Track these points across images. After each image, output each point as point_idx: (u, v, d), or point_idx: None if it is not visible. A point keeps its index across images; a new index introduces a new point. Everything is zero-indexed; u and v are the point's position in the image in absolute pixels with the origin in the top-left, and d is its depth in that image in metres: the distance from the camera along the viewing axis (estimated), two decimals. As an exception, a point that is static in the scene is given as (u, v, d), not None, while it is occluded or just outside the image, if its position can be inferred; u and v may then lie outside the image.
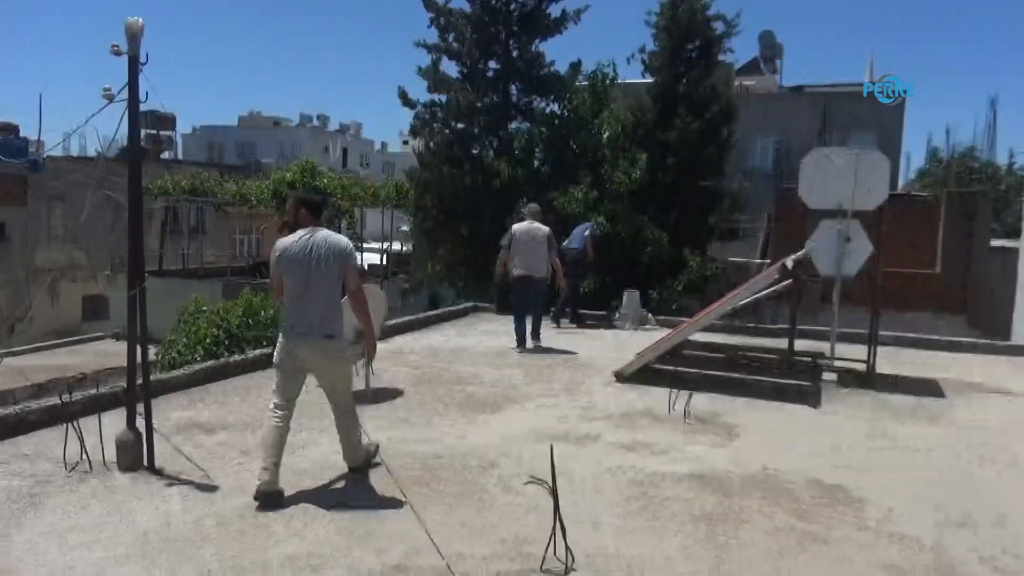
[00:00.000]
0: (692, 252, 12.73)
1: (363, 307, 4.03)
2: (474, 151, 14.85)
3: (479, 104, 14.16)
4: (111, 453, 4.12)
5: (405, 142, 74.33)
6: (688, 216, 13.23)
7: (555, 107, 14.21)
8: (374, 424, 5.17)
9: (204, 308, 10.88)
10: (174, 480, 4.01)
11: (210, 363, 6.47)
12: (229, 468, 4.26)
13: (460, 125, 14.62)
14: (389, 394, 6.15)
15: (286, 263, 3.90)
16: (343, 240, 4.01)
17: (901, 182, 25.54)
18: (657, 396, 6.23)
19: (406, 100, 14.74)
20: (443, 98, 14.82)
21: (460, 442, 4.92)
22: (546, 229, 8.34)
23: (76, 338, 16.28)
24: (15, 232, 21.68)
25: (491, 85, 14.78)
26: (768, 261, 14.79)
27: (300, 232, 3.96)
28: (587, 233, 10.16)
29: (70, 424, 4.16)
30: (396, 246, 23.80)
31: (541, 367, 7.42)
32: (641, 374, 6.77)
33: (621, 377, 6.81)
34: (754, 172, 25.35)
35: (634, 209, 12.78)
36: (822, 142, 30.77)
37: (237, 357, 6.80)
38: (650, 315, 10.70)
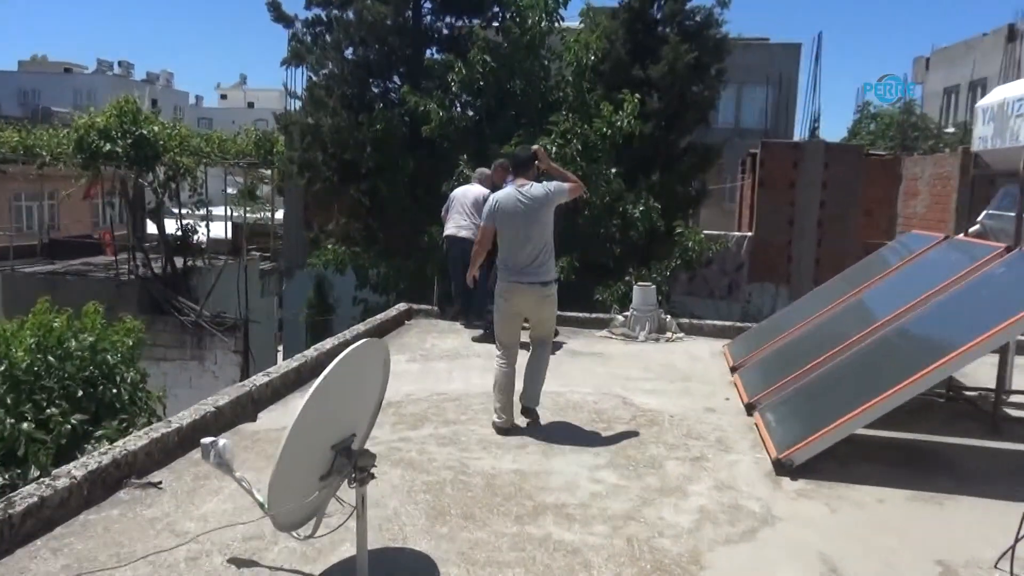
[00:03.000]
0: (687, 225, 10.15)
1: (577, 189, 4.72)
2: (376, 88, 11.34)
3: (388, 21, 10.64)
4: None
5: (223, 96, 68.44)
6: (674, 177, 10.65)
7: (487, 32, 10.99)
8: None
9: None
10: None
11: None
12: None
13: (359, 51, 11.00)
14: (399, 569, 2.98)
15: (501, 217, 4.50)
16: (542, 188, 4.52)
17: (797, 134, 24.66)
18: (905, 521, 3.54)
19: (280, 14, 10.94)
20: (329, 14, 11.11)
21: None
22: (486, 192, 7.32)
23: None
24: None
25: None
26: (749, 233, 12.63)
27: (511, 186, 4.54)
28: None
29: None
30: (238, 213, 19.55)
31: (606, 441, 4.51)
32: (827, 455, 4.02)
33: (787, 466, 4.01)
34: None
35: (606, 167, 9.96)
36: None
37: (33, 493, 3.27)
38: (669, 318, 7.98)
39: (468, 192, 8.13)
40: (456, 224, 7.90)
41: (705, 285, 12.19)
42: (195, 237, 13.90)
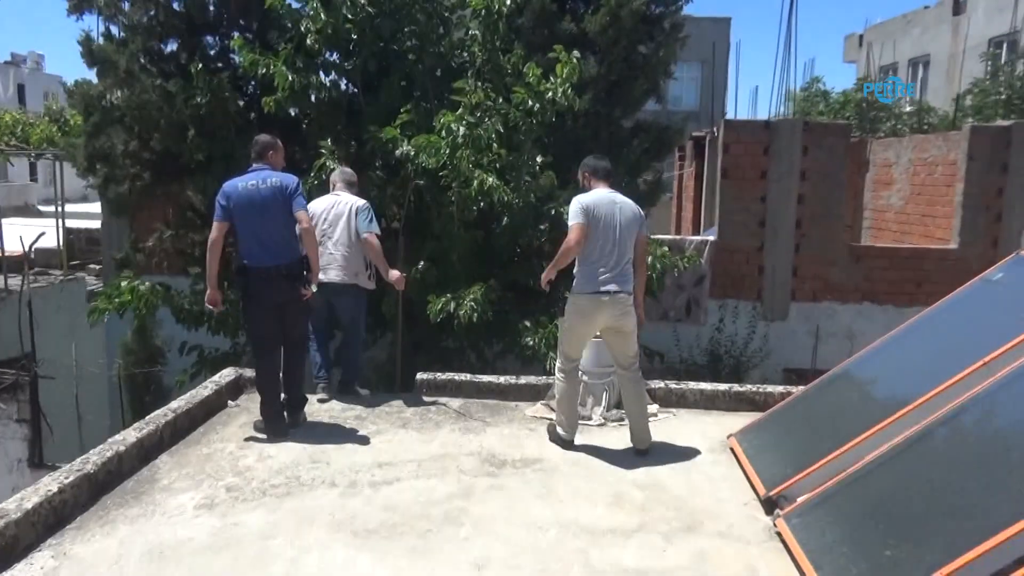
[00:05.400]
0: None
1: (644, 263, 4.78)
2: (213, 50, 8.37)
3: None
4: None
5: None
6: (621, 168, 8.17)
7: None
8: None
9: None
10: None
11: None
12: None
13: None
14: None
15: (596, 221, 4.38)
16: (635, 206, 4.60)
17: (740, 114, 22.57)
18: None
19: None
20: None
21: None
22: (360, 202, 5.67)
23: None
24: None
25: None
26: (711, 238, 10.31)
27: (602, 191, 4.50)
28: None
29: None
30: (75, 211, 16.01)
31: None
32: None
33: None
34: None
35: (530, 156, 7.39)
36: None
37: None
38: (636, 381, 5.46)
39: (336, 206, 5.55)
40: (322, 259, 5.35)
41: (657, 305, 9.81)
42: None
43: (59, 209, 13.33)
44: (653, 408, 5.35)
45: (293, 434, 4.77)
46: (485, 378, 5.71)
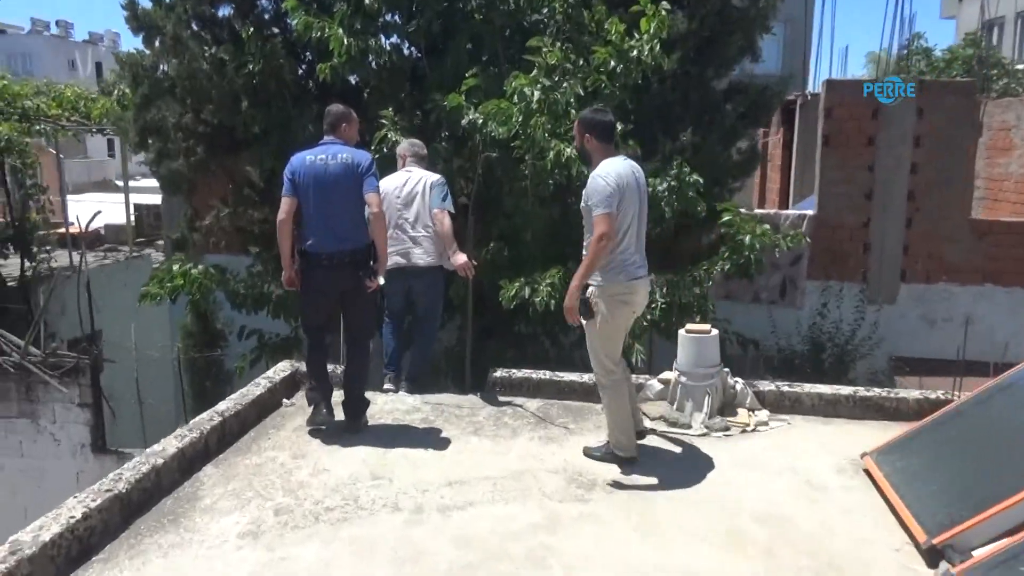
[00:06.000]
0: (736, 208, 6.87)
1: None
2: (268, 15, 7.86)
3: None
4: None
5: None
6: (714, 135, 7.38)
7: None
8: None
9: None
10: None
11: None
12: None
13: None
14: None
15: (627, 198, 3.71)
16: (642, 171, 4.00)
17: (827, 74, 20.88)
18: None
19: None
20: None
21: None
22: (435, 176, 5.23)
23: None
24: None
25: None
26: (809, 212, 9.39)
27: (618, 161, 3.77)
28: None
29: None
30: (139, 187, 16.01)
31: None
32: None
33: None
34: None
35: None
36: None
37: None
38: (741, 385, 4.80)
39: (408, 183, 5.13)
40: (400, 244, 5.10)
41: (749, 285, 8.99)
42: (41, 231, 10.38)
43: (125, 185, 13.24)
44: (763, 415, 4.66)
45: (352, 440, 4.28)
46: (567, 376, 5.09)
